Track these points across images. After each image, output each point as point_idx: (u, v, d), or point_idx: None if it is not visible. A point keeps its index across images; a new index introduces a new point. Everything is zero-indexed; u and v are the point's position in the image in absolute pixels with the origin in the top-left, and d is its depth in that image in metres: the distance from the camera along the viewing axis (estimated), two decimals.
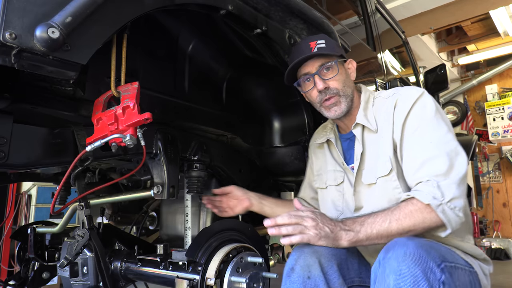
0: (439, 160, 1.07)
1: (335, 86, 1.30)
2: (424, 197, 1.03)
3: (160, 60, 1.45)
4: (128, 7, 0.96)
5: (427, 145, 1.11)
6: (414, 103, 1.18)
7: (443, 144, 1.10)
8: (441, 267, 0.90)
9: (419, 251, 0.90)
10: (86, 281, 1.36)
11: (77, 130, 1.15)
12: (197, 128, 1.60)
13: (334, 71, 1.30)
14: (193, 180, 1.48)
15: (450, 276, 0.91)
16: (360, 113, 1.31)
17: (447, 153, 1.08)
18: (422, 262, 0.88)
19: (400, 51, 3.45)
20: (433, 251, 0.93)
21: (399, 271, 0.88)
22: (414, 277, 0.86)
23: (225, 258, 1.18)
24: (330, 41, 1.32)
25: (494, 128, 6.72)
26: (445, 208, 1.02)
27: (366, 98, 1.35)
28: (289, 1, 1.39)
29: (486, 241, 6.49)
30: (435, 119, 1.15)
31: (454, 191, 1.03)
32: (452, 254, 1.05)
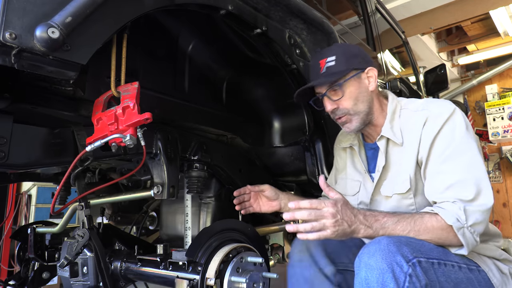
0: (467, 186, 1.08)
1: (344, 106, 1.29)
2: (449, 217, 1.06)
3: (160, 60, 1.45)
4: (128, 7, 0.96)
5: (457, 168, 1.11)
6: (444, 123, 1.16)
7: (472, 169, 1.10)
8: (412, 261, 0.96)
9: (389, 247, 0.97)
10: (86, 281, 1.36)
11: (77, 130, 1.15)
12: (197, 128, 1.60)
13: (342, 91, 1.28)
14: (193, 180, 1.48)
15: (423, 270, 0.97)
16: (386, 125, 1.29)
17: (475, 179, 1.09)
18: (390, 256, 0.95)
19: (400, 51, 3.45)
20: (405, 247, 0.98)
21: (369, 265, 0.96)
22: (380, 269, 0.95)
23: (225, 258, 1.18)
24: (342, 56, 1.28)
25: (494, 128, 6.72)
26: (465, 231, 1.05)
27: (393, 108, 1.31)
28: (289, 1, 1.39)
29: None
30: (465, 141, 1.13)
31: (477, 217, 1.06)
32: (438, 251, 1.06)
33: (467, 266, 1.10)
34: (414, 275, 0.95)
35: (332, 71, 1.27)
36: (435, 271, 1.01)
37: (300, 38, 1.50)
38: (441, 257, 1.05)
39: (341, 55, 1.29)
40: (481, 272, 1.12)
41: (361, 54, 1.33)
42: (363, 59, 1.32)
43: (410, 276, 0.94)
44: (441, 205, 1.10)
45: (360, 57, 1.32)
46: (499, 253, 1.19)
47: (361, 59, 1.31)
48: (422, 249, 1.03)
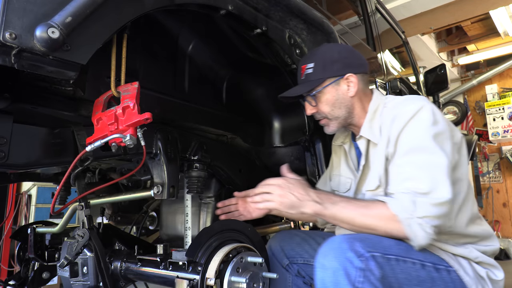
0: (423, 180, 1.07)
1: (322, 110, 1.33)
2: (395, 207, 1.07)
3: (160, 60, 1.45)
4: (128, 7, 0.96)
5: (415, 163, 1.10)
6: (410, 119, 1.15)
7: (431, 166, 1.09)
8: (365, 256, 0.97)
9: (341, 245, 0.99)
10: (86, 281, 1.36)
11: (77, 130, 1.15)
12: (197, 128, 1.60)
13: (319, 98, 1.32)
14: (193, 180, 1.48)
15: (378, 264, 0.98)
16: (365, 125, 1.30)
17: (432, 175, 1.07)
18: (341, 254, 0.97)
19: (400, 51, 3.45)
20: (358, 243, 0.99)
21: (323, 265, 0.99)
22: (332, 269, 0.96)
23: (225, 258, 1.18)
24: (320, 62, 1.30)
25: (494, 128, 6.72)
26: (411, 222, 1.04)
27: (375, 107, 1.32)
28: (289, 1, 1.39)
29: None
30: (427, 138, 1.11)
31: (427, 210, 1.04)
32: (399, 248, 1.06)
33: (433, 265, 1.09)
34: (367, 269, 0.96)
35: (310, 79, 1.31)
36: (392, 267, 1.02)
37: (300, 38, 1.50)
38: (401, 254, 1.05)
39: (319, 62, 1.30)
40: (451, 273, 1.11)
41: (342, 59, 1.31)
42: (344, 64, 1.30)
43: (363, 270, 0.95)
44: (394, 195, 1.11)
45: (340, 63, 1.30)
46: (475, 255, 1.17)
47: (341, 64, 1.30)
48: (380, 245, 1.03)
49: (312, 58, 1.33)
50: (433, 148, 1.10)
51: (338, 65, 1.30)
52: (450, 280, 1.11)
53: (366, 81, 1.36)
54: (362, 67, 1.35)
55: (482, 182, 7.11)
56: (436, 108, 1.18)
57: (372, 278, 0.96)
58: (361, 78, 1.33)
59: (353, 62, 1.33)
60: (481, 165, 7.14)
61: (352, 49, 1.39)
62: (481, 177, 7.12)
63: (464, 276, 1.12)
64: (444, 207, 1.05)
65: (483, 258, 1.19)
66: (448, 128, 1.16)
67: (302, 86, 1.33)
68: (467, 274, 1.13)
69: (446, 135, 1.14)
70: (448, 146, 1.13)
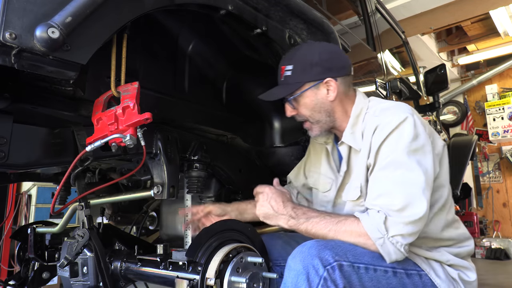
0: (396, 196, 1.06)
1: (303, 113, 1.31)
2: (368, 226, 1.06)
3: (160, 60, 1.45)
4: (128, 7, 0.96)
5: (391, 178, 1.09)
6: (391, 132, 1.13)
7: (406, 182, 1.07)
8: (332, 265, 0.98)
9: (310, 250, 1.00)
10: (86, 281, 1.36)
11: (77, 130, 1.15)
12: (197, 128, 1.60)
13: (298, 102, 1.30)
14: (193, 180, 1.48)
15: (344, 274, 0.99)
16: (347, 131, 1.28)
17: (407, 191, 1.06)
18: (308, 259, 0.98)
19: (400, 51, 3.45)
20: (328, 251, 1.00)
21: (289, 266, 1.02)
22: (296, 271, 0.99)
23: (225, 258, 1.18)
24: (299, 65, 1.26)
25: (494, 128, 6.72)
26: (385, 242, 1.04)
27: (358, 112, 1.29)
28: (289, 1, 1.39)
29: (486, 241, 6.49)
30: (405, 153, 1.09)
31: (400, 229, 1.04)
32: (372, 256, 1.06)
33: (404, 271, 1.10)
34: (330, 279, 0.96)
35: (288, 82, 1.28)
36: (360, 276, 1.02)
37: (300, 38, 1.50)
38: (373, 262, 1.05)
39: (299, 64, 1.27)
40: (422, 276, 1.12)
41: (322, 62, 1.26)
42: (324, 68, 1.26)
43: (325, 279, 0.96)
44: (368, 211, 1.10)
45: (319, 66, 1.26)
46: (446, 258, 1.18)
47: (321, 68, 1.26)
48: (351, 253, 1.04)
49: (291, 59, 1.29)
50: (410, 164, 1.08)
51: (318, 69, 1.26)
52: (422, 284, 1.11)
53: (348, 83, 1.32)
54: (343, 70, 1.30)
55: (482, 182, 7.11)
56: (418, 120, 1.15)
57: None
58: (342, 81, 1.29)
59: (334, 65, 1.28)
60: (481, 165, 7.14)
61: (334, 50, 1.34)
62: (481, 177, 7.12)
63: (436, 278, 1.13)
64: (417, 224, 1.05)
65: (455, 261, 1.19)
66: (429, 141, 1.14)
67: (281, 88, 1.31)
68: (439, 277, 1.13)
69: (426, 149, 1.12)
70: (428, 160, 1.11)
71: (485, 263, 5.98)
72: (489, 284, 4.25)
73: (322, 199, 1.44)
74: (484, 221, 6.59)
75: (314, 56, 1.27)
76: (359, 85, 2.22)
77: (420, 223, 1.05)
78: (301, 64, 1.27)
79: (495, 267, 5.61)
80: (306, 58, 1.27)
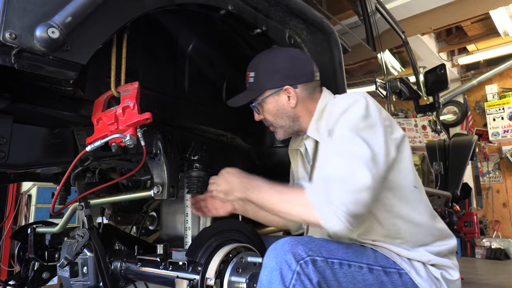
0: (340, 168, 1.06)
1: (267, 118, 1.37)
2: (311, 194, 1.07)
3: (160, 60, 1.45)
4: (128, 7, 0.96)
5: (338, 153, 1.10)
6: (342, 113, 1.15)
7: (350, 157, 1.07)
8: (305, 260, 0.99)
9: (283, 246, 1.01)
10: (86, 281, 1.36)
11: (77, 130, 1.15)
12: (197, 128, 1.60)
13: (262, 107, 1.36)
14: (193, 180, 1.48)
15: (317, 269, 1.00)
16: (311, 126, 1.30)
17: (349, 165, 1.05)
18: (281, 255, 1.00)
19: (400, 51, 3.45)
20: (301, 246, 1.01)
21: (264, 264, 1.03)
22: (270, 268, 1.00)
23: (225, 258, 1.18)
24: (261, 72, 1.30)
25: (494, 128, 6.73)
26: (325, 209, 1.02)
27: (322, 107, 1.31)
28: (289, 1, 1.39)
29: (486, 241, 6.49)
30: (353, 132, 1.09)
31: (344, 197, 1.01)
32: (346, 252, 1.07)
33: (382, 269, 1.10)
34: (303, 273, 0.98)
35: (251, 88, 1.34)
36: (334, 271, 1.03)
37: (300, 38, 1.50)
38: (347, 258, 1.06)
39: (260, 71, 1.32)
40: (403, 275, 1.11)
41: (281, 70, 1.29)
42: (283, 76, 1.29)
43: (298, 273, 0.97)
44: (314, 182, 1.13)
45: (279, 74, 1.29)
46: (427, 258, 1.17)
47: (280, 76, 1.29)
48: (325, 248, 1.05)
49: (254, 66, 1.34)
50: (357, 140, 1.08)
51: (277, 76, 1.29)
52: (402, 283, 1.11)
53: (311, 89, 1.33)
54: (303, 77, 1.31)
55: (482, 182, 7.11)
56: (373, 103, 1.15)
57: (307, 282, 0.97)
58: (304, 88, 1.31)
59: (293, 73, 1.30)
60: (481, 165, 7.14)
61: (295, 57, 1.34)
62: (481, 177, 7.12)
63: (416, 277, 1.12)
64: (362, 194, 1.02)
65: (437, 260, 1.18)
66: (382, 123, 1.13)
67: (245, 95, 1.36)
68: (420, 276, 1.13)
69: (377, 129, 1.11)
70: (378, 139, 1.10)
71: (485, 263, 5.99)
72: (489, 284, 4.25)
73: None
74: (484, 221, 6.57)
75: (275, 64, 1.31)
76: (359, 85, 2.22)
77: (363, 194, 1.02)
78: (262, 71, 1.31)
79: (495, 267, 5.62)
80: (267, 65, 1.32)
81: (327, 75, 1.49)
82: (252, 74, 1.33)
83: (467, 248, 6.70)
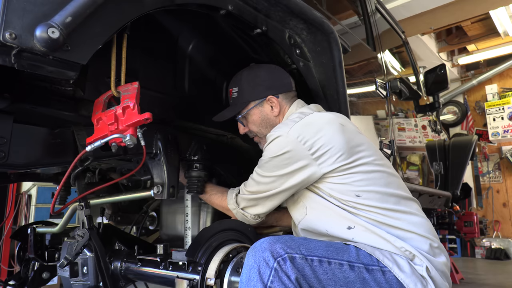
0: (250, 185, 1.35)
1: (252, 129, 1.49)
2: (229, 200, 1.41)
3: (160, 60, 1.45)
4: (128, 7, 0.96)
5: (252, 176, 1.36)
6: (267, 145, 1.28)
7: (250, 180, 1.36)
8: (283, 257, 1.01)
9: (262, 244, 1.04)
10: (86, 281, 1.36)
11: (77, 130, 1.15)
12: (197, 128, 1.60)
13: (247, 119, 1.47)
14: (193, 180, 1.48)
15: (296, 266, 1.01)
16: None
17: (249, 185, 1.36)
18: (259, 253, 1.02)
19: (400, 51, 3.45)
20: (279, 244, 1.03)
21: (244, 263, 1.06)
22: (248, 266, 1.02)
23: (225, 258, 1.18)
24: (244, 87, 1.44)
25: (494, 128, 6.73)
26: (238, 211, 1.38)
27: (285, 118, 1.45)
28: (289, 1, 1.39)
29: (486, 241, 6.49)
30: (264, 164, 1.29)
31: (244, 203, 1.37)
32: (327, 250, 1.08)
33: (364, 266, 1.09)
34: (281, 270, 0.99)
35: (235, 102, 1.46)
36: (314, 268, 1.03)
37: (300, 38, 1.50)
38: (327, 255, 1.07)
39: (243, 86, 1.45)
40: (386, 273, 1.09)
41: (264, 82, 1.44)
42: (265, 87, 1.43)
43: (276, 270, 0.99)
44: (235, 189, 1.42)
45: (262, 86, 1.44)
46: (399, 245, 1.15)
47: (263, 87, 1.43)
48: (304, 246, 1.06)
49: (236, 82, 1.47)
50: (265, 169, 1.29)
51: (260, 88, 1.44)
52: (385, 280, 1.09)
53: (290, 98, 1.47)
54: (283, 87, 1.46)
55: (482, 182, 7.11)
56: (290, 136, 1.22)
57: (285, 279, 0.99)
58: (284, 97, 1.45)
59: (274, 84, 1.45)
60: (481, 165, 7.14)
61: (273, 71, 1.48)
62: (481, 177, 7.12)
63: (399, 273, 1.09)
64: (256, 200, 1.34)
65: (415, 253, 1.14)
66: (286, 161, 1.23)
67: (230, 109, 1.47)
68: (403, 272, 1.09)
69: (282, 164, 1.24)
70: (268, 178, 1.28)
71: (485, 263, 5.99)
72: (489, 284, 4.26)
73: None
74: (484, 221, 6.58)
75: (256, 77, 1.45)
76: (359, 85, 2.22)
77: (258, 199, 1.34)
78: (245, 85, 1.45)
79: (495, 267, 5.62)
80: (249, 79, 1.45)
81: (327, 75, 1.49)
82: (236, 89, 1.46)
83: (467, 248, 6.71)
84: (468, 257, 6.65)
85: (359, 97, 2.19)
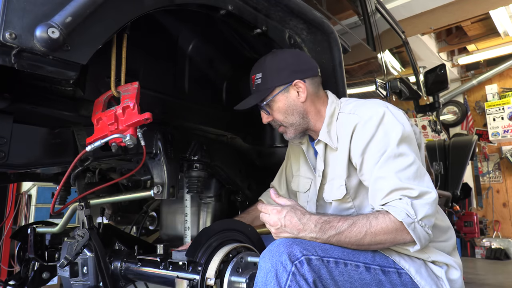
0: (409, 184, 1.08)
1: (277, 117, 1.35)
2: (399, 213, 1.04)
3: (160, 60, 1.45)
4: (128, 7, 0.96)
5: (396, 171, 1.10)
6: (376, 128, 1.15)
7: (410, 169, 1.10)
8: (300, 260, 0.98)
9: (278, 248, 1.00)
10: (86, 281, 1.36)
11: (77, 130, 1.15)
12: (197, 128, 1.60)
13: (271, 107, 1.34)
14: (193, 180, 1.48)
15: (312, 268, 0.99)
16: (323, 130, 1.30)
17: (415, 177, 1.09)
18: (276, 256, 0.99)
19: (400, 51, 3.45)
20: (296, 246, 1.00)
21: (260, 266, 1.02)
22: (265, 270, 0.99)
23: (225, 258, 1.18)
24: (267, 72, 1.31)
25: (494, 128, 6.72)
26: (416, 226, 1.04)
27: (331, 111, 1.32)
28: (289, 1, 1.39)
29: (486, 241, 6.49)
30: (399, 144, 1.12)
31: (426, 210, 1.05)
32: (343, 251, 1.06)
33: (380, 268, 1.09)
34: (298, 273, 0.97)
35: (259, 89, 1.33)
36: (330, 270, 1.02)
37: (300, 38, 1.50)
38: (343, 256, 1.06)
39: (267, 71, 1.32)
40: (402, 275, 1.10)
41: (289, 66, 1.31)
42: (292, 71, 1.31)
43: (293, 274, 0.97)
44: (391, 203, 1.08)
45: (288, 70, 1.31)
46: (427, 255, 1.16)
47: (289, 72, 1.31)
48: (320, 247, 1.04)
49: (259, 68, 1.34)
50: (406, 151, 1.12)
51: (285, 72, 1.31)
52: (400, 282, 1.09)
53: (317, 84, 1.36)
54: (310, 71, 1.34)
55: (482, 182, 7.11)
56: (395, 110, 1.19)
57: (303, 282, 0.97)
58: (311, 82, 1.33)
59: (300, 68, 1.33)
60: (481, 165, 7.14)
61: (298, 54, 1.38)
62: (481, 177, 7.12)
63: (416, 276, 1.10)
64: (435, 204, 1.08)
65: (436, 257, 1.16)
66: (411, 128, 1.19)
67: (253, 96, 1.34)
68: (420, 274, 1.11)
69: (411, 135, 1.17)
70: (415, 144, 1.17)
71: (485, 263, 5.99)
72: (489, 284, 4.25)
73: (303, 200, 1.44)
74: (484, 221, 6.57)
75: (281, 62, 1.33)
76: (359, 85, 2.22)
77: (436, 202, 1.09)
78: (269, 70, 1.32)
79: (495, 267, 5.62)
80: (273, 64, 1.33)
81: (327, 75, 1.49)
82: (259, 75, 1.33)
83: (467, 248, 6.70)
84: (468, 257, 6.65)
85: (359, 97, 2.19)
